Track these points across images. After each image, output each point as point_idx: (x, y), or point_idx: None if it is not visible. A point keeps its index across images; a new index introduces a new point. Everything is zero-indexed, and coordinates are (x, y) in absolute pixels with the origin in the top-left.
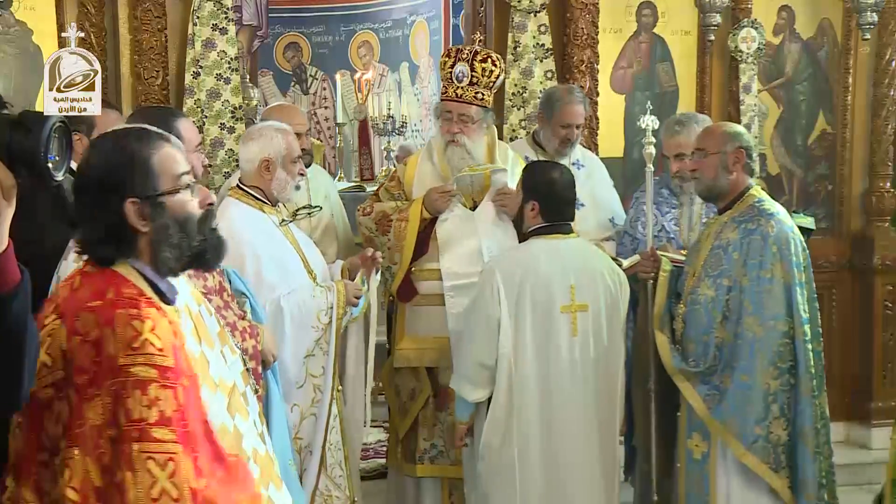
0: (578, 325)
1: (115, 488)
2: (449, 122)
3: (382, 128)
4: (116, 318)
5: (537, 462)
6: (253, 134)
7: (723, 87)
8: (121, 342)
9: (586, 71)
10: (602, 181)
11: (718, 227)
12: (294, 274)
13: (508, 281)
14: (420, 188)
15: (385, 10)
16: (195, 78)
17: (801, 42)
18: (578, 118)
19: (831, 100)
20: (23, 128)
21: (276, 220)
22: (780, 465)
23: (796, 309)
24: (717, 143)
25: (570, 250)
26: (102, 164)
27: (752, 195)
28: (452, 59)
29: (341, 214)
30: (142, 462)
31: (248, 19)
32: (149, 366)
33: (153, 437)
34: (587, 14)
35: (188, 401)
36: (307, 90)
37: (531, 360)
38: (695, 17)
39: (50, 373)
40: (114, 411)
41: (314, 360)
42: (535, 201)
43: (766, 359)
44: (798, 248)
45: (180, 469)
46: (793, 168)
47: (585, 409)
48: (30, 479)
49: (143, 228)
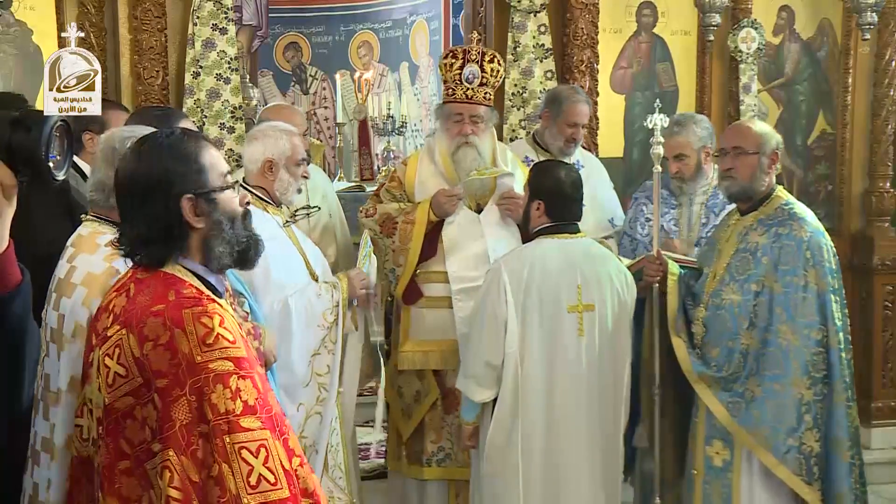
0: (585, 326)
1: (213, 482)
2: (460, 124)
3: (382, 128)
4: (185, 317)
5: (540, 462)
6: (258, 134)
7: (723, 88)
8: (194, 340)
9: (586, 71)
10: (601, 182)
11: (743, 230)
12: (297, 273)
13: (515, 280)
14: (422, 190)
15: (385, 10)
16: (195, 78)
17: (801, 42)
18: (584, 117)
19: (831, 100)
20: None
21: (280, 221)
22: (813, 476)
23: (831, 317)
24: (756, 144)
25: (577, 250)
26: (157, 162)
27: (778, 196)
28: (460, 60)
29: (339, 214)
30: (236, 453)
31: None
32: (225, 359)
33: (242, 427)
34: (587, 14)
35: (265, 387)
36: (307, 90)
37: (537, 359)
38: (695, 17)
39: (126, 382)
40: (200, 408)
41: (320, 359)
42: (540, 200)
43: (800, 367)
44: (830, 253)
45: (272, 453)
46: (793, 168)
47: (589, 409)
48: (113, 489)
49: (198, 224)
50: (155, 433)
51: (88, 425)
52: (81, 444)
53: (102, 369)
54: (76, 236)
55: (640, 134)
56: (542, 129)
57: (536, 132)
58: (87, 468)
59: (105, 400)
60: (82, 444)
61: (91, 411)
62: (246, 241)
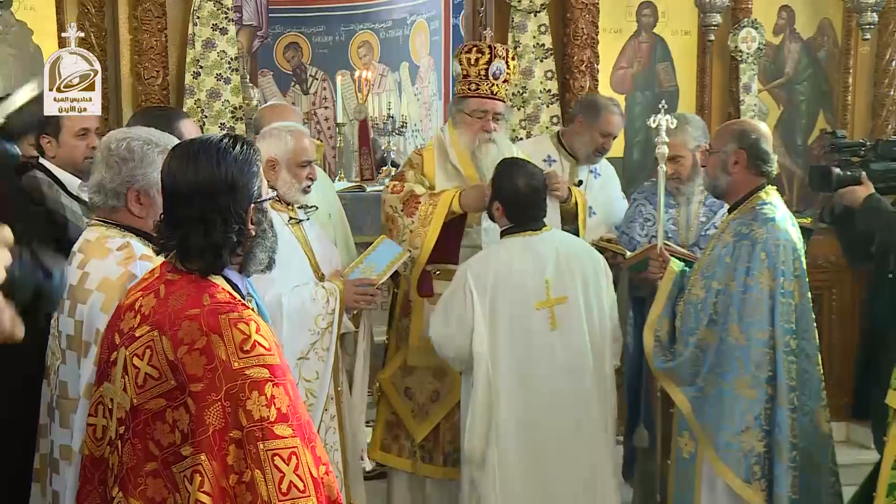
0: (557, 318)
1: (244, 487)
2: (484, 121)
3: (382, 128)
4: (222, 323)
5: (518, 461)
6: (265, 133)
7: (723, 87)
8: (231, 347)
9: (586, 71)
10: (615, 192)
11: (722, 228)
12: (295, 272)
13: (480, 284)
14: (437, 184)
15: (385, 10)
16: (195, 78)
17: (801, 42)
18: (618, 130)
19: (831, 100)
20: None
21: (285, 218)
22: (754, 476)
23: (777, 318)
24: (719, 143)
25: (542, 245)
26: (234, 169)
27: (757, 197)
28: (487, 55)
29: (340, 215)
30: (269, 460)
31: (248, 19)
32: (261, 366)
33: (276, 435)
34: (587, 14)
35: (296, 394)
36: (307, 90)
37: (508, 358)
38: (695, 17)
39: (158, 384)
40: (234, 414)
41: (308, 364)
42: (498, 202)
43: (744, 367)
44: (790, 255)
45: (302, 461)
46: (793, 168)
47: (572, 400)
48: (137, 490)
49: (253, 232)
50: (186, 437)
51: (104, 424)
52: (95, 443)
53: (131, 370)
54: (83, 241)
55: (640, 134)
56: (571, 132)
57: (563, 133)
58: (100, 468)
59: (133, 400)
60: (95, 444)
61: (110, 411)
62: (273, 240)
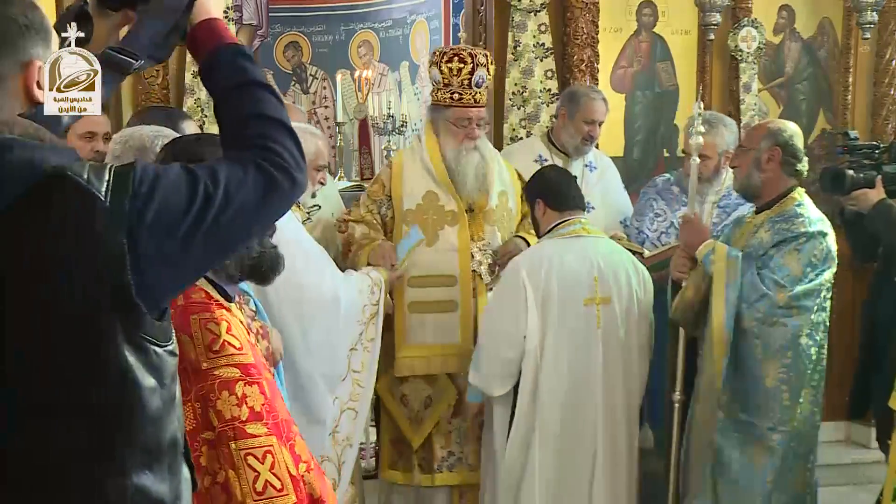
0: (602, 318)
1: (219, 488)
2: (469, 129)
3: (382, 127)
4: (192, 323)
5: (553, 460)
6: None
7: (723, 87)
8: (200, 347)
9: (586, 70)
10: (614, 183)
11: (753, 228)
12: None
13: (534, 277)
14: (409, 194)
15: (385, 10)
16: (195, 77)
17: (802, 41)
18: (602, 115)
19: (831, 99)
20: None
21: (301, 218)
22: None
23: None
24: (753, 140)
25: (592, 244)
26: None
27: (793, 198)
28: (470, 64)
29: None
30: (241, 459)
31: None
32: (231, 366)
33: (248, 434)
34: (587, 13)
35: (273, 392)
36: (307, 89)
37: (556, 354)
38: (695, 16)
39: None
40: (205, 415)
41: (356, 355)
42: (539, 198)
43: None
44: (823, 253)
45: (278, 459)
46: None
47: (607, 399)
48: None
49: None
50: None
51: None
52: None
53: None
54: None
55: (641, 133)
56: (557, 127)
57: (551, 131)
58: None
59: None
60: None
61: None
62: (258, 257)
